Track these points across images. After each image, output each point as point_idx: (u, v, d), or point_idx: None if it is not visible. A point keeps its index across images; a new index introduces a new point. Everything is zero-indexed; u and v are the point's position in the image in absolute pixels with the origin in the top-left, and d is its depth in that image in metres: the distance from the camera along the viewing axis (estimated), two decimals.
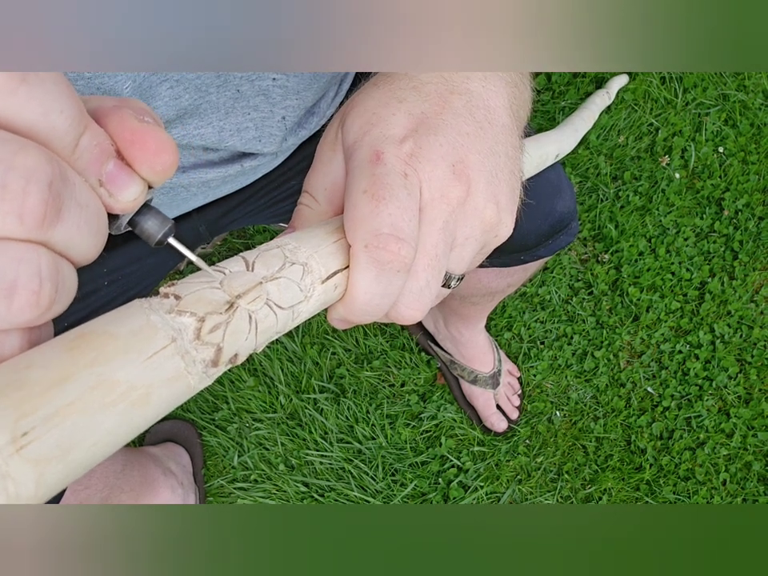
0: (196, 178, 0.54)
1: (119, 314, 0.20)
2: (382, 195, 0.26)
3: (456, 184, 0.28)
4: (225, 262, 0.24)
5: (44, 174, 0.17)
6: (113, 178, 0.21)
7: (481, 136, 0.30)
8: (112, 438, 0.18)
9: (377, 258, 0.26)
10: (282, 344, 1.19)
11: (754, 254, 1.28)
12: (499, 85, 0.32)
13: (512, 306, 1.25)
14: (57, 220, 0.18)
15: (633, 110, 1.33)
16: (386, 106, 0.30)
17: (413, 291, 0.28)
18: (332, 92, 0.61)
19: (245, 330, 0.22)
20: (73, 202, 0.19)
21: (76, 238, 0.19)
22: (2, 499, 0.16)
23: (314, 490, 1.14)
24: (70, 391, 0.17)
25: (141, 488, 0.92)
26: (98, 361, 0.18)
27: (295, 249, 0.26)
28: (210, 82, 0.45)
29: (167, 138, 0.21)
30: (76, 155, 0.19)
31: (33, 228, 0.17)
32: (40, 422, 0.16)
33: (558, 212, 0.67)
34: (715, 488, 1.19)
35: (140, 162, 0.21)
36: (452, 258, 0.30)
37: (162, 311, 0.20)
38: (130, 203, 0.21)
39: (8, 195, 0.17)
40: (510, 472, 1.17)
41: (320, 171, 0.32)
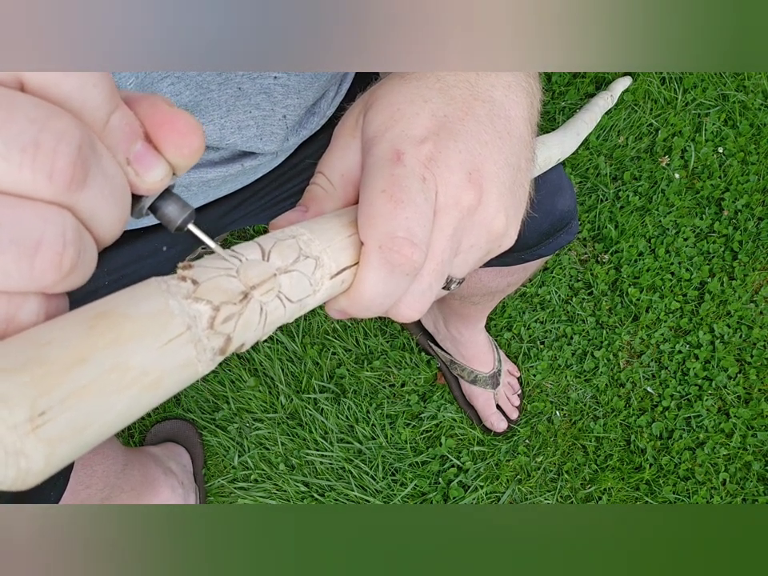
0: (196, 178, 0.54)
1: (137, 293, 0.20)
2: (400, 198, 0.26)
3: (470, 192, 0.28)
4: (241, 248, 0.24)
5: (74, 138, 0.18)
6: (140, 158, 0.21)
7: (498, 146, 0.30)
8: (120, 420, 0.18)
9: (389, 260, 0.26)
10: (282, 344, 1.19)
11: (753, 254, 1.28)
12: (521, 95, 0.33)
13: (512, 306, 1.25)
14: (84, 185, 0.18)
15: (633, 110, 1.33)
16: (410, 104, 0.30)
17: (415, 293, 0.28)
18: (332, 92, 0.61)
19: (255, 322, 0.22)
20: (99, 171, 0.19)
21: (100, 209, 0.19)
22: (13, 473, 0.16)
23: (314, 490, 1.14)
24: (88, 372, 0.17)
25: (141, 488, 0.92)
26: (116, 343, 0.18)
27: (309, 241, 0.26)
28: (212, 80, 0.46)
29: (196, 123, 0.22)
30: (106, 131, 0.20)
31: (61, 189, 0.18)
32: (57, 402, 0.17)
33: (559, 210, 0.67)
34: (715, 488, 1.19)
35: (168, 144, 0.21)
36: (455, 263, 0.30)
37: (179, 296, 0.20)
38: (156, 184, 0.22)
39: (39, 153, 0.17)
40: (509, 472, 1.17)
41: (337, 155, 0.32)
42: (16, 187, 0.17)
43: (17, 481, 0.17)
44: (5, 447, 0.16)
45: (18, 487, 0.17)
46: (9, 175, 0.17)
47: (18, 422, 0.16)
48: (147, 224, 0.60)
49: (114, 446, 0.85)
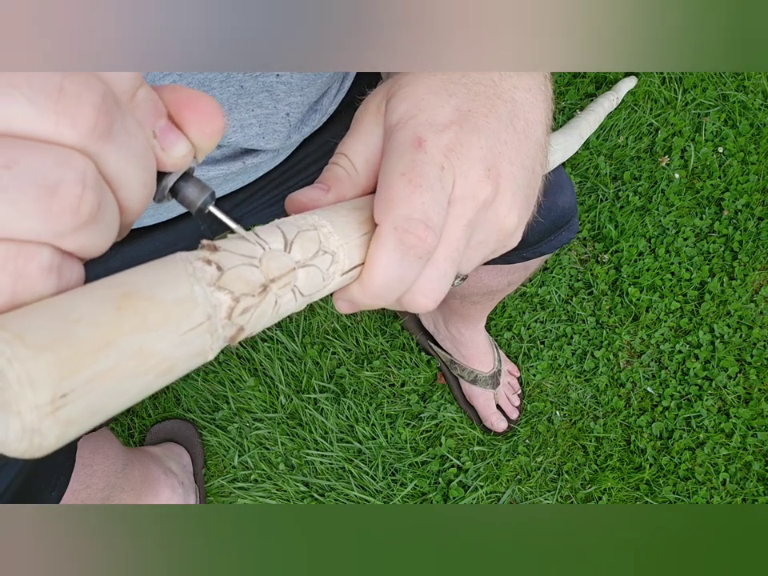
0: (198, 176, 0.54)
1: (164, 274, 0.20)
2: (419, 182, 0.26)
3: (487, 187, 0.29)
4: (263, 232, 0.24)
5: (99, 87, 0.18)
6: (165, 133, 0.21)
7: (517, 147, 0.30)
8: (130, 402, 0.19)
9: (404, 241, 0.26)
10: (282, 344, 1.19)
11: (753, 254, 1.28)
12: (539, 99, 0.33)
13: (512, 305, 1.25)
14: (107, 135, 0.18)
15: (633, 110, 1.33)
16: (436, 95, 0.30)
17: (430, 279, 0.28)
18: (334, 89, 0.61)
19: (268, 314, 0.23)
20: (123, 128, 0.19)
21: (124, 167, 0.19)
22: (24, 446, 0.16)
23: (314, 490, 1.14)
24: (112, 357, 0.17)
25: (141, 487, 0.92)
26: (141, 328, 0.18)
27: (329, 234, 0.26)
28: (213, 77, 0.46)
29: (218, 105, 0.22)
30: (133, 105, 0.20)
31: (84, 134, 0.18)
32: (80, 385, 0.17)
33: (560, 207, 0.67)
34: (715, 488, 1.19)
35: (191, 124, 0.22)
36: (463, 257, 0.31)
37: (203, 282, 0.20)
38: (180, 159, 0.22)
39: (64, 97, 0.17)
40: (509, 472, 1.17)
41: (360, 139, 0.32)
42: (40, 131, 0.17)
43: (25, 453, 0.17)
44: (23, 424, 0.16)
45: (24, 458, 0.17)
46: (33, 119, 0.17)
47: (40, 402, 0.16)
48: (148, 223, 0.60)
49: (114, 446, 0.85)
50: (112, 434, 0.90)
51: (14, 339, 0.16)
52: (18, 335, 0.16)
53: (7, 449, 0.17)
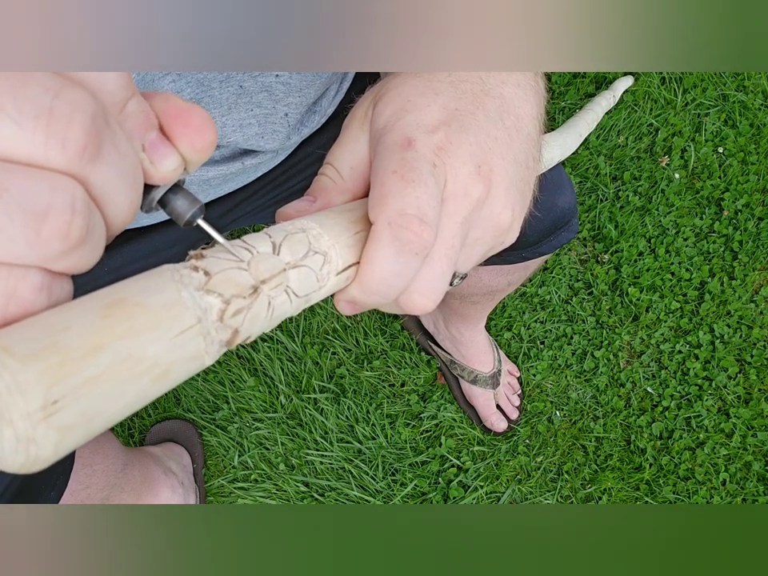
0: (197, 176, 0.54)
1: (151, 282, 0.20)
2: (411, 178, 0.26)
3: (479, 184, 0.28)
4: (251, 239, 0.24)
5: (89, 108, 0.18)
6: (155, 146, 0.21)
7: (507, 143, 0.30)
8: (128, 409, 0.19)
9: (399, 237, 0.26)
10: (282, 344, 1.19)
11: (753, 254, 1.28)
12: (530, 94, 0.33)
13: (512, 305, 1.25)
14: (97, 157, 0.18)
15: (633, 110, 1.33)
16: (422, 96, 0.30)
17: (427, 278, 0.28)
18: (333, 90, 0.61)
19: (262, 316, 0.23)
20: (113, 146, 0.19)
21: (113, 187, 0.19)
22: (21, 459, 0.16)
23: (314, 490, 1.14)
24: (102, 362, 0.17)
25: (141, 487, 0.92)
26: (130, 333, 0.18)
27: (319, 236, 0.26)
28: (213, 77, 0.46)
29: (209, 118, 0.22)
30: (123, 116, 0.20)
31: (73, 158, 0.17)
32: (70, 390, 0.17)
33: (560, 207, 0.67)
34: (715, 488, 1.19)
35: (181, 137, 0.21)
36: (460, 256, 0.30)
37: (191, 287, 0.21)
38: (169, 173, 0.22)
39: (53, 120, 0.17)
40: (509, 472, 1.17)
41: (346, 147, 0.32)
42: (28, 155, 0.17)
43: (23, 467, 0.17)
44: (17, 434, 0.16)
45: (24, 472, 0.17)
46: (21, 142, 0.17)
47: (31, 409, 0.16)
48: (147, 223, 0.60)
49: (114, 446, 0.85)
50: (112, 433, 0.90)
51: (2, 352, 0.16)
52: (6, 348, 0.16)
53: (4, 463, 0.17)
